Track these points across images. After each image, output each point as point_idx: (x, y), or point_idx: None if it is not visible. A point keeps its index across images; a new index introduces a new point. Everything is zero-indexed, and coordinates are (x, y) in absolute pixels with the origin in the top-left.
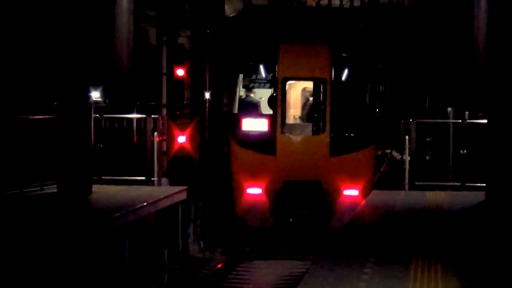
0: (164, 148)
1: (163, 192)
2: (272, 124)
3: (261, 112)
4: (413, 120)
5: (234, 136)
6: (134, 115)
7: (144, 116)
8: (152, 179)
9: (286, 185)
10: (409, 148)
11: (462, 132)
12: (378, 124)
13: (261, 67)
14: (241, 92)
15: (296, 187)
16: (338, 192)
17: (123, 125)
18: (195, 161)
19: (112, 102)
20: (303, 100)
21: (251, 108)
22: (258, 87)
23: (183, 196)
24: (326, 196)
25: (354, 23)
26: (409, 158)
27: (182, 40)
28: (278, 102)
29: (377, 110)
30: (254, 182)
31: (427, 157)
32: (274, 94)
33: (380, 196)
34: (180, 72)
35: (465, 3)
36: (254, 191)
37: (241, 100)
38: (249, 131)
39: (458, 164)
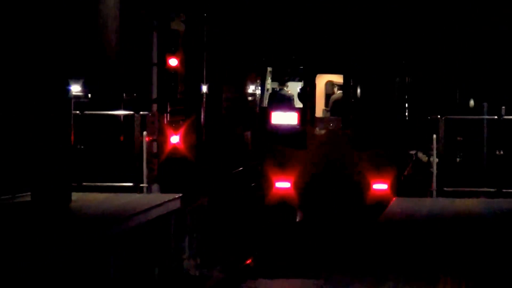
0: (155, 149)
1: (153, 200)
2: (302, 118)
3: (294, 105)
4: (441, 117)
5: (263, 129)
6: (121, 112)
7: (131, 112)
8: (141, 185)
9: (316, 179)
10: (437, 148)
11: (498, 130)
12: (407, 119)
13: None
14: (268, 85)
15: (326, 181)
16: (368, 186)
17: (108, 123)
18: (190, 164)
19: (95, 96)
20: (327, 94)
21: (285, 102)
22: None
23: (176, 204)
24: (355, 190)
25: (377, 12)
26: (437, 160)
27: (176, 25)
28: (309, 95)
29: (406, 104)
30: (283, 176)
31: (458, 159)
32: (305, 88)
33: (404, 204)
34: (173, 62)
35: None
36: (283, 185)
37: (272, 94)
38: (278, 125)
39: (494, 167)
